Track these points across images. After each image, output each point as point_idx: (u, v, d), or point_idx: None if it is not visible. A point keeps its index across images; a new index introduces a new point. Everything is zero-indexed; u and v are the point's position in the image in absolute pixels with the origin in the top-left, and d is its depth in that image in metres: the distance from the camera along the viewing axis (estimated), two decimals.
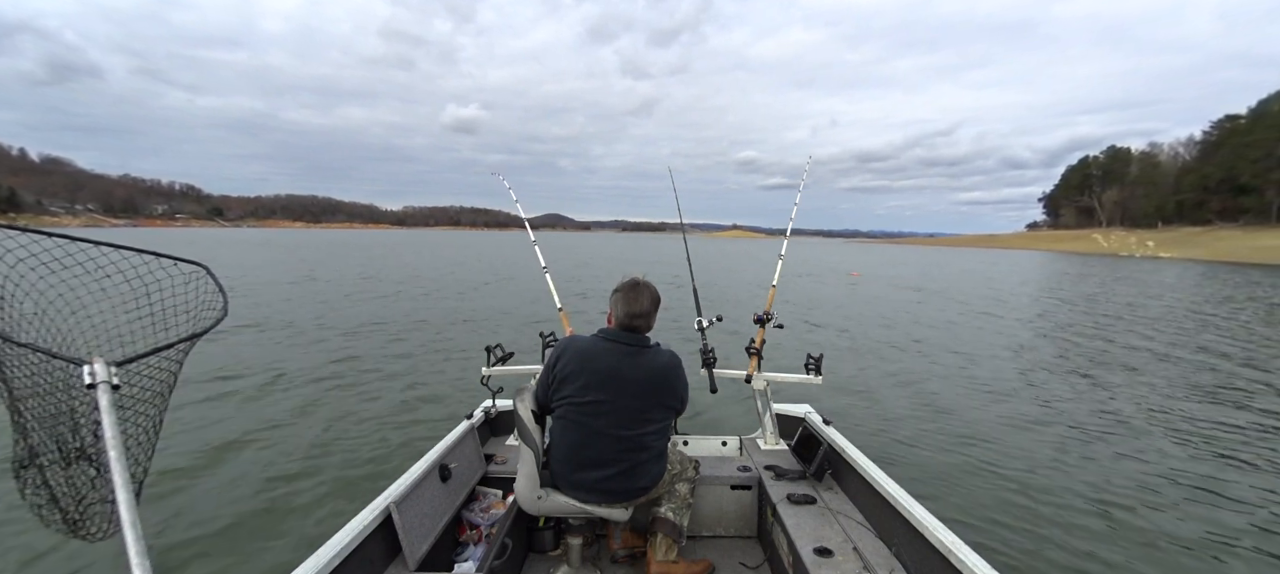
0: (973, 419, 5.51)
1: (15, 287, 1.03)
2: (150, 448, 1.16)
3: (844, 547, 1.98)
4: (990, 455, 4.58)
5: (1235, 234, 67.81)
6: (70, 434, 1.07)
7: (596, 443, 1.93)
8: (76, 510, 1.07)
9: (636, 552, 2.37)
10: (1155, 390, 6.78)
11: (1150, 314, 14.11)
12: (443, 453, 2.32)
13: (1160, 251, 63.15)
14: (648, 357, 1.96)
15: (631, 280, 2.03)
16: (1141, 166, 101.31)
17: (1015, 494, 3.89)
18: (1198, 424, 5.54)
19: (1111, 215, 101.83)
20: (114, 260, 1.13)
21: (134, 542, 0.87)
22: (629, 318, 1.97)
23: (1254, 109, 76.84)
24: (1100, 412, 5.86)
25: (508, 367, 2.94)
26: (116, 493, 0.89)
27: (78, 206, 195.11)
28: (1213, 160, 80.00)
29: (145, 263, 1.18)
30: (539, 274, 3.28)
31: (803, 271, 26.78)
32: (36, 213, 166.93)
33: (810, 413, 2.91)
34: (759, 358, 2.84)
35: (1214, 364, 8.38)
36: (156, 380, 1.15)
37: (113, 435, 0.93)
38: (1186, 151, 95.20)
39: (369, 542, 1.78)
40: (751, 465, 2.65)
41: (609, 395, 1.91)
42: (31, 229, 1.06)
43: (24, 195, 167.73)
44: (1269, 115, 72.47)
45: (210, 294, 1.29)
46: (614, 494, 1.97)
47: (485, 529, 2.29)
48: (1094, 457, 4.62)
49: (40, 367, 1.02)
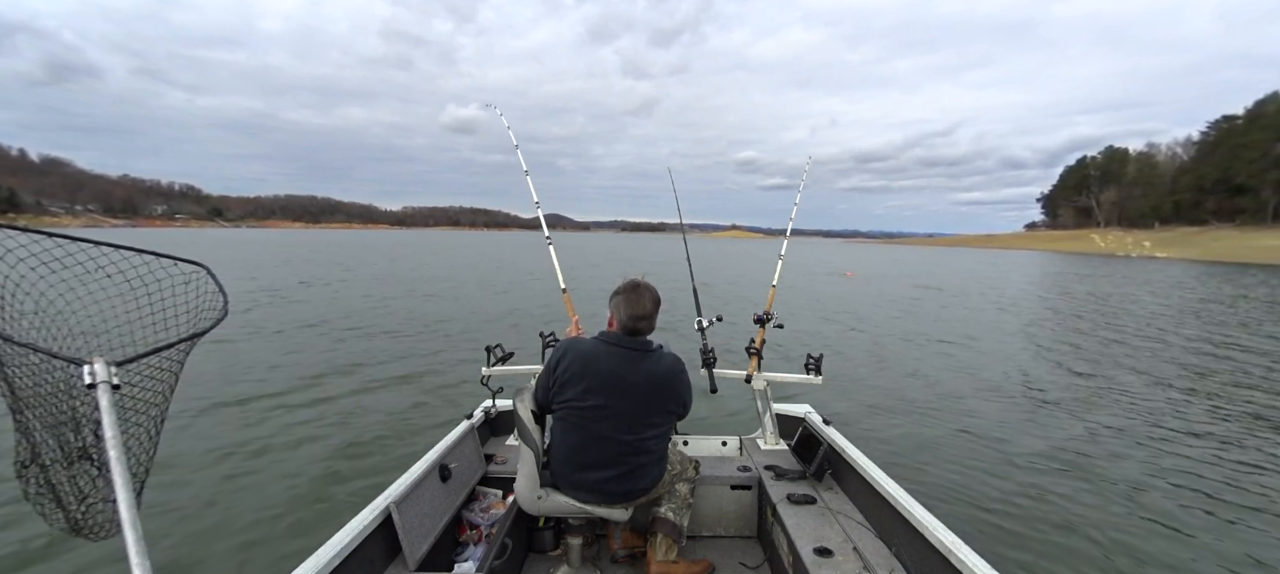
0: (972, 419, 5.52)
1: (16, 286, 1.02)
2: (151, 448, 1.16)
3: (844, 547, 1.98)
4: (991, 455, 4.58)
5: (1231, 234, 68.05)
6: (72, 434, 1.07)
7: (597, 446, 1.93)
8: (79, 510, 1.07)
9: (636, 552, 2.37)
10: (1154, 389, 6.80)
11: (1146, 310, 14.16)
12: (443, 453, 2.32)
13: (1156, 252, 63.42)
14: (650, 360, 1.95)
15: (632, 282, 2.01)
16: (1139, 167, 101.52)
17: (1016, 494, 3.89)
18: (1198, 424, 5.56)
19: (1109, 215, 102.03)
20: (114, 260, 1.13)
21: (134, 541, 0.87)
22: (631, 320, 1.95)
23: (1250, 109, 77.08)
24: (1100, 412, 5.88)
25: (508, 367, 2.93)
26: (117, 492, 0.89)
27: (78, 207, 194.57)
28: (1209, 161, 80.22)
29: (145, 263, 1.18)
30: (543, 275, 3.25)
31: (800, 271, 26.78)
32: (36, 213, 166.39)
33: (810, 413, 2.92)
34: (759, 358, 2.85)
35: (1214, 366, 8.41)
36: (157, 380, 1.15)
37: (112, 435, 0.93)
38: (1184, 152, 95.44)
39: (369, 542, 1.78)
40: (751, 465, 2.65)
41: (611, 399, 1.90)
42: (32, 229, 1.06)
43: (24, 196, 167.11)
44: (1265, 116, 72.68)
45: (210, 294, 1.29)
46: (614, 495, 1.97)
47: (485, 529, 2.29)
48: (1094, 457, 4.63)
49: (41, 366, 1.01)
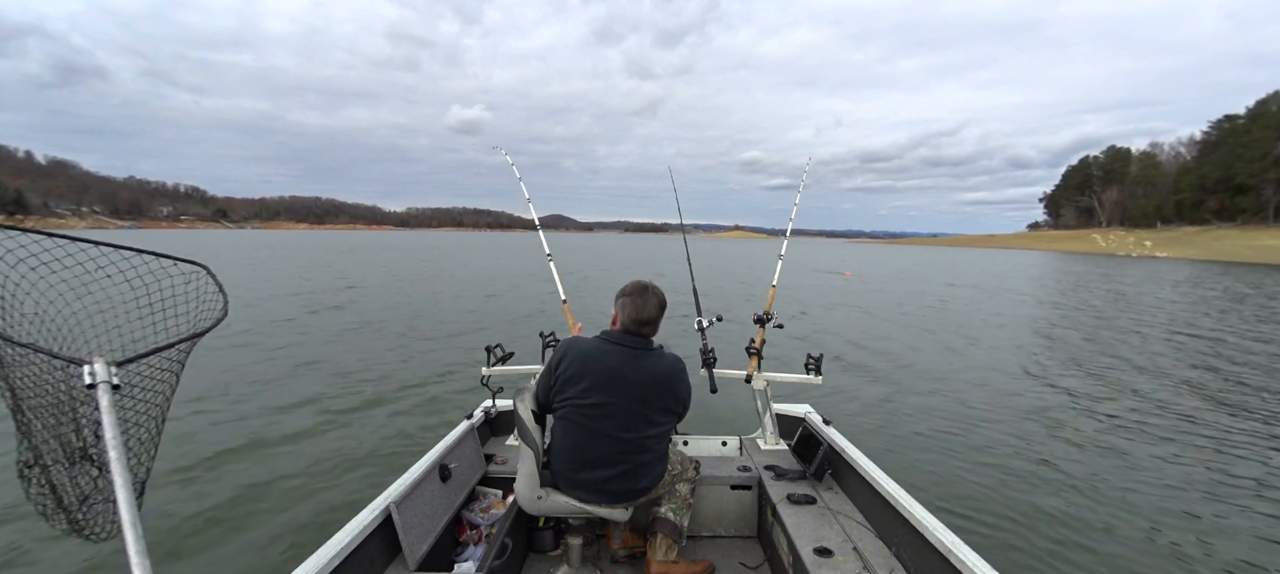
0: (971, 418, 5.51)
1: (16, 286, 1.02)
2: (152, 448, 1.16)
3: (844, 547, 1.98)
4: (990, 455, 4.58)
5: (1232, 233, 67.97)
6: (73, 434, 1.07)
7: (598, 444, 1.93)
8: (80, 511, 1.07)
9: (636, 552, 2.37)
10: (1149, 390, 6.79)
11: (1136, 306, 14.14)
12: (443, 453, 2.32)
13: (1157, 251, 63.37)
14: (651, 359, 1.96)
15: (640, 285, 2.01)
16: (1141, 166, 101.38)
17: (1016, 494, 3.89)
18: (1198, 425, 5.54)
19: (1111, 215, 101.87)
20: (114, 261, 1.13)
21: (134, 541, 0.87)
22: (635, 324, 1.96)
23: (1252, 109, 76.99)
24: (1098, 410, 5.87)
25: (508, 366, 2.94)
26: (117, 493, 0.89)
27: (84, 208, 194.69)
28: (1211, 160, 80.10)
29: (145, 263, 1.18)
30: (542, 272, 3.25)
31: (799, 271, 26.74)
32: (43, 214, 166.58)
33: (810, 413, 2.91)
34: (759, 358, 2.84)
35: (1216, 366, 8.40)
36: (157, 380, 1.15)
37: (113, 435, 0.93)
38: (1187, 151, 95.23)
39: (369, 542, 1.79)
40: (751, 465, 2.65)
41: (612, 397, 1.91)
42: (32, 229, 1.06)
43: (31, 197, 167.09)
44: (1266, 115, 72.58)
45: (211, 294, 1.29)
46: (615, 495, 1.97)
47: (485, 529, 2.30)
48: (1095, 456, 4.63)
49: (42, 367, 1.01)
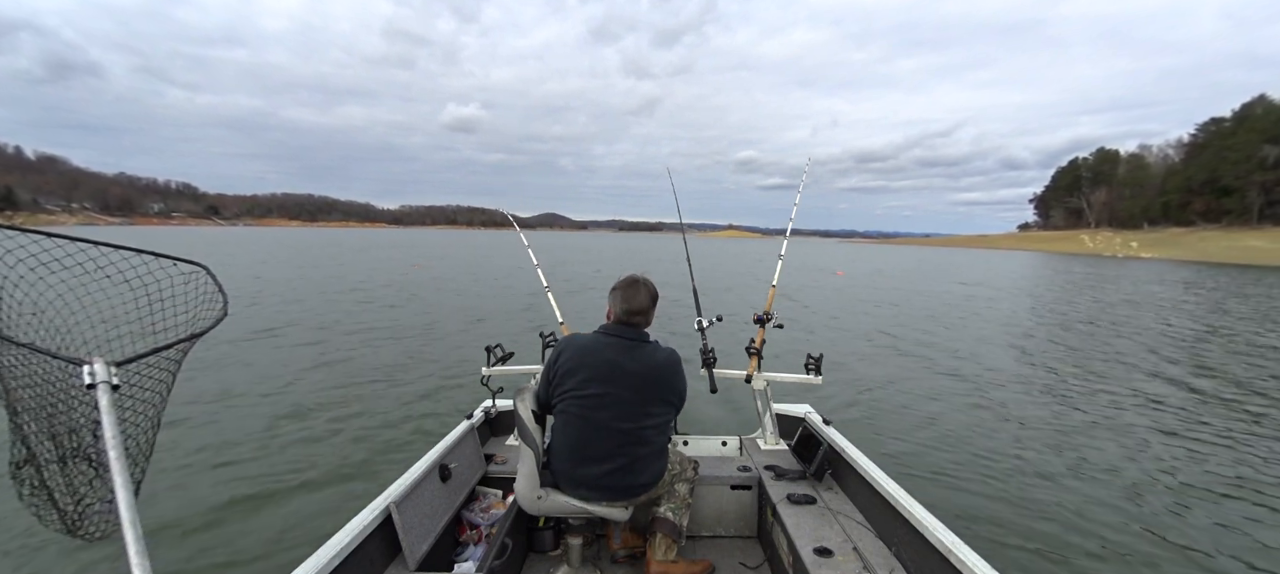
0: (971, 418, 5.55)
1: (14, 286, 1.02)
2: (149, 448, 1.16)
3: (844, 547, 1.99)
4: (990, 455, 4.61)
5: (1216, 235, 68.97)
6: (67, 434, 1.06)
7: (598, 437, 1.94)
8: (75, 511, 1.06)
9: (636, 552, 2.37)
10: (1148, 388, 6.88)
11: (1098, 303, 14.33)
12: (443, 453, 2.32)
13: (1142, 252, 64.33)
14: (646, 351, 2.00)
15: (630, 277, 2.09)
16: (1129, 168, 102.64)
17: (1017, 493, 3.91)
18: (1198, 426, 5.62)
19: (1100, 216, 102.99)
20: (113, 260, 1.13)
21: (134, 541, 0.87)
22: (627, 314, 2.03)
23: (1238, 112, 78.13)
24: (1097, 409, 5.93)
25: (508, 366, 2.93)
26: (117, 493, 0.89)
27: (74, 204, 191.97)
28: (1197, 162, 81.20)
29: (144, 263, 1.18)
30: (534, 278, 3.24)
31: (795, 270, 26.83)
32: (33, 210, 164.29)
33: (810, 413, 2.92)
34: (759, 358, 2.84)
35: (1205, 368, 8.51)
36: (156, 380, 1.14)
37: (112, 435, 0.92)
38: (1175, 153, 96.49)
39: (369, 542, 1.78)
40: (751, 465, 2.65)
41: (610, 388, 1.93)
42: (31, 229, 1.05)
43: (20, 193, 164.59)
44: (1252, 118, 73.68)
45: (210, 294, 1.29)
46: (614, 490, 1.98)
47: (485, 529, 2.29)
48: (1095, 456, 4.67)
49: (40, 367, 1.01)
